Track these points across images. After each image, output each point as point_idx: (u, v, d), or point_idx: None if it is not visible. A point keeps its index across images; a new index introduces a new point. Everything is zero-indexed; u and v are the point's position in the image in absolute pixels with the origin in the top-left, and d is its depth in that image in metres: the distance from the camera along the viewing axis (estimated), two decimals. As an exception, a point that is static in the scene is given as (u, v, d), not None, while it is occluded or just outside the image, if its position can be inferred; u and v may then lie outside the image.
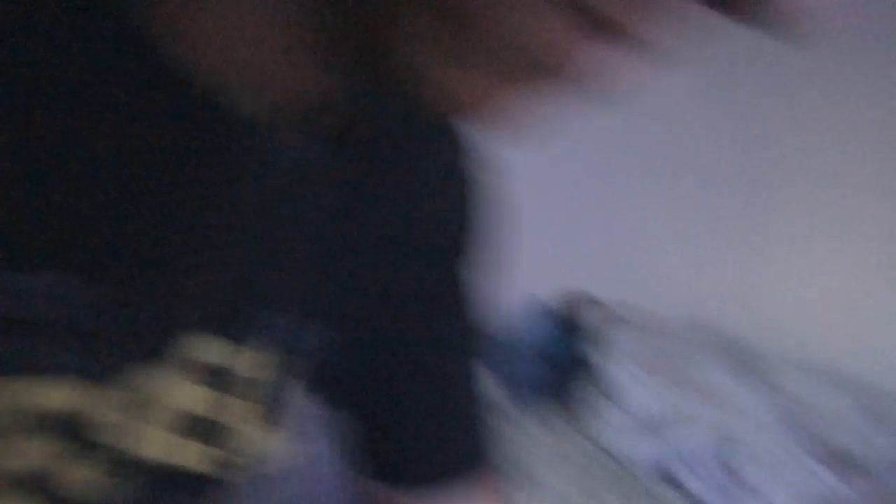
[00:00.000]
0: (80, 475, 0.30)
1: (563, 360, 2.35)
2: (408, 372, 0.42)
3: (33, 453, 0.29)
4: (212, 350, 0.33)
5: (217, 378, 0.34)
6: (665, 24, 0.19)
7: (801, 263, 2.53)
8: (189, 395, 0.33)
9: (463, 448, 0.44)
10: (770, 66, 2.26)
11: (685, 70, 2.36)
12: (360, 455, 0.44)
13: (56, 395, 0.29)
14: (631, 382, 2.08)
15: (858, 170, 2.37)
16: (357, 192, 0.36)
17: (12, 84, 0.24)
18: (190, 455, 0.34)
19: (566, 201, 2.68)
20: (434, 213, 0.40)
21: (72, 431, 0.29)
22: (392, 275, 0.40)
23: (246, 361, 0.35)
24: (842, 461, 1.78)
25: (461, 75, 0.21)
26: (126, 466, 0.32)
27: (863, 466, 1.75)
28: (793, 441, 1.82)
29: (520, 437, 1.97)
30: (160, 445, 0.33)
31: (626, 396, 2.06)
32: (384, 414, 0.43)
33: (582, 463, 1.79)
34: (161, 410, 0.32)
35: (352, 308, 0.39)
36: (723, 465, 1.65)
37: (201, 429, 0.34)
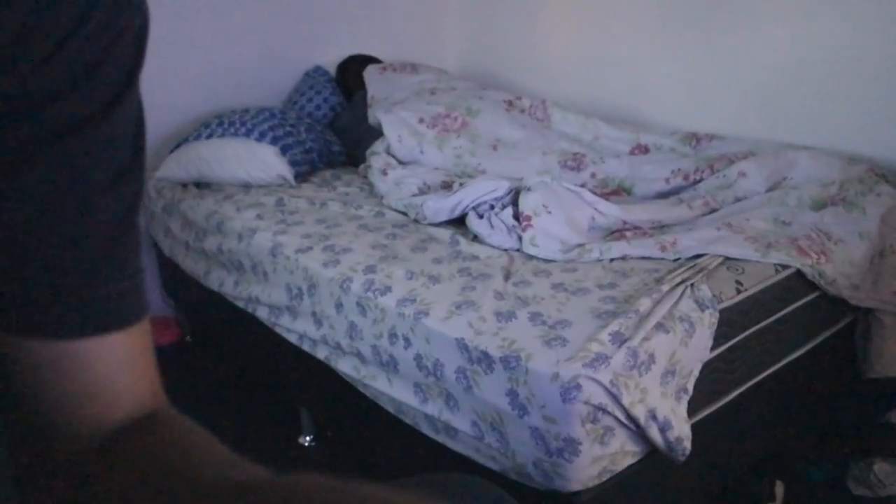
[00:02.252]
0: None
1: (348, 126, 2.29)
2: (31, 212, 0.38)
3: None
4: None
5: None
6: None
7: (565, 17, 2.56)
8: None
9: (106, 294, 0.41)
10: None
11: None
12: None
13: None
14: (417, 141, 2.08)
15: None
16: None
17: None
18: None
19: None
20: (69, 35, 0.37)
21: None
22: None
23: None
24: (612, 190, 1.92)
25: None
26: None
27: (628, 191, 1.91)
28: (570, 178, 1.93)
29: (313, 207, 1.94)
30: None
31: (414, 154, 2.05)
32: (13, 259, 0.39)
33: (375, 223, 1.81)
34: None
35: None
36: (510, 209, 1.72)
37: None
